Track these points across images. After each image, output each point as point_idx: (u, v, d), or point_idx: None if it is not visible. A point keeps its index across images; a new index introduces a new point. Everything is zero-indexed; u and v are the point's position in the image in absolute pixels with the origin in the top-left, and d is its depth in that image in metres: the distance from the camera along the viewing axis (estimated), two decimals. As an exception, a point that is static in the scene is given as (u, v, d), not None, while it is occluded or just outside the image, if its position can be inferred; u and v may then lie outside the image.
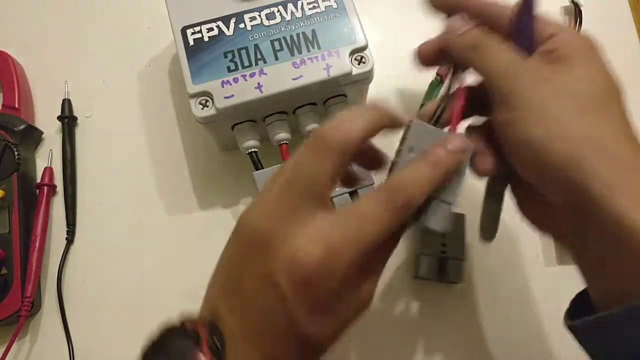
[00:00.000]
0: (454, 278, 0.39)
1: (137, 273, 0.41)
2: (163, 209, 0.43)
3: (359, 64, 0.37)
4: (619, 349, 0.23)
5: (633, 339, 0.22)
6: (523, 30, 0.27)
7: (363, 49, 0.37)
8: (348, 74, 0.37)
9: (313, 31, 0.37)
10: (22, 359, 0.39)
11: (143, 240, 0.42)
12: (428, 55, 0.30)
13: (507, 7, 0.28)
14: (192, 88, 0.36)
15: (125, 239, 0.42)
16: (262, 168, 0.38)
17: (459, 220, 0.39)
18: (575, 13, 0.46)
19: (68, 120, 0.45)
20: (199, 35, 0.37)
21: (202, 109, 0.36)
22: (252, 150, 0.38)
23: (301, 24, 0.38)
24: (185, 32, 0.38)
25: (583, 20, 0.46)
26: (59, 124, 0.45)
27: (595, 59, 0.26)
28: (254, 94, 0.36)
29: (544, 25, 0.27)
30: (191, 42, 0.37)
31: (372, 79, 0.39)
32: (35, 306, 0.39)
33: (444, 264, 0.39)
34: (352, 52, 0.37)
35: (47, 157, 0.45)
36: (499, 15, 0.28)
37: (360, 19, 0.38)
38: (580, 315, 0.25)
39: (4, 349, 0.38)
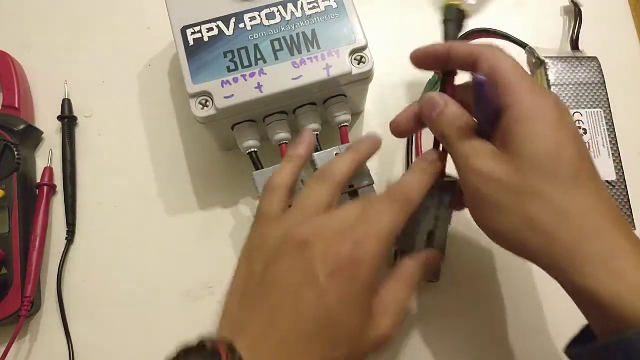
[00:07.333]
0: (430, 277, 0.38)
1: (137, 273, 0.41)
2: (163, 209, 0.43)
3: (359, 64, 0.37)
4: None
5: None
6: (483, 108, 0.29)
7: (363, 48, 0.37)
8: (348, 74, 0.37)
9: (313, 31, 0.37)
10: (22, 359, 0.39)
11: (143, 240, 0.42)
12: (404, 127, 0.34)
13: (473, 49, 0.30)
14: (192, 88, 0.36)
15: (125, 239, 0.42)
16: (262, 168, 0.38)
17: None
18: (575, 13, 0.46)
19: (68, 120, 0.45)
20: (199, 35, 0.37)
21: (202, 109, 0.36)
22: (252, 150, 0.38)
23: (301, 24, 0.37)
24: (185, 32, 0.37)
25: (583, 20, 0.46)
26: (59, 124, 0.45)
27: (549, 138, 0.27)
28: (254, 94, 0.36)
29: (502, 93, 0.28)
30: (191, 42, 0.37)
31: (372, 78, 0.39)
32: (35, 306, 0.39)
33: (431, 233, 0.37)
34: (352, 52, 0.37)
35: (47, 157, 0.45)
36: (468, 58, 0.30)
37: (360, 19, 0.38)
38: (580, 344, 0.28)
39: (4, 349, 0.38)
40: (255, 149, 0.38)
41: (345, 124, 0.39)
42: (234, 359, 0.24)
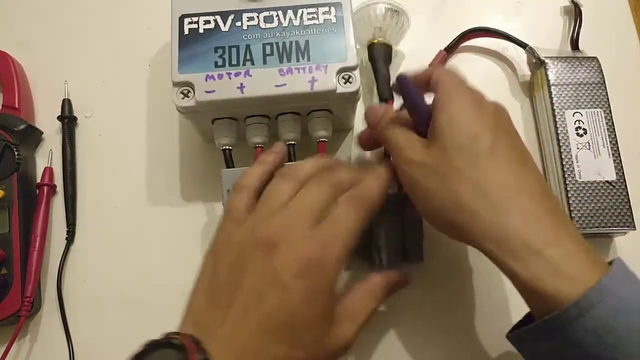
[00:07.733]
0: (415, 259, 0.38)
1: (137, 273, 0.41)
2: (163, 209, 0.43)
3: (345, 83, 0.36)
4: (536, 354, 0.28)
5: (543, 348, 0.27)
6: (414, 110, 0.32)
7: (352, 68, 0.36)
8: (332, 91, 0.36)
9: (306, 42, 0.37)
10: (22, 359, 0.39)
11: (143, 240, 0.42)
12: (366, 141, 0.38)
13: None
14: (177, 76, 0.36)
15: (125, 239, 0.42)
16: (233, 167, 0.38)
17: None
18: (575, 13, 0.46)
19: (68, 120, 0.45)
20: (195, 25, 0.37)
21: (183, 98, 0.36)
22: (226, 147, 0.38)
23: (296, 33, 0.37)
24: (183, 20, 0.37)
25: (583, 20, 0.46)
26: (59, 124, 0.45)
27: (463, 129, 0.29)
28: (235, 94, 0.35)
29: (431, 101, 0.31)
30: (186, 31, 0.37)
31: (359, 99, 0.38)
32: (35, 306, 0.39)
33: (403, 246, 0.37)
34: (340, 70, 0.36)
35: (47, 157, 0.45)
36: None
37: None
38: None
39: (4, 349, 0.38)
40: (229, 147, 0.38)
41: (323, 140, 0.38)
42: (200, 352, 0.25)
